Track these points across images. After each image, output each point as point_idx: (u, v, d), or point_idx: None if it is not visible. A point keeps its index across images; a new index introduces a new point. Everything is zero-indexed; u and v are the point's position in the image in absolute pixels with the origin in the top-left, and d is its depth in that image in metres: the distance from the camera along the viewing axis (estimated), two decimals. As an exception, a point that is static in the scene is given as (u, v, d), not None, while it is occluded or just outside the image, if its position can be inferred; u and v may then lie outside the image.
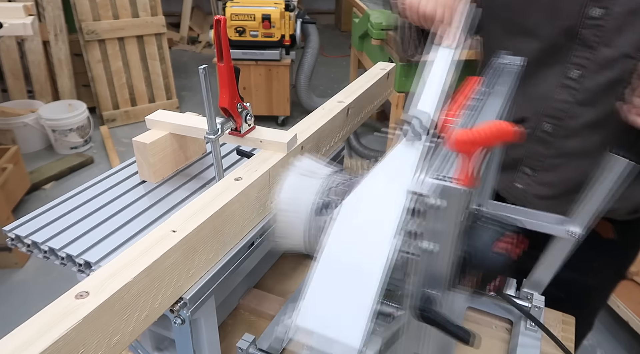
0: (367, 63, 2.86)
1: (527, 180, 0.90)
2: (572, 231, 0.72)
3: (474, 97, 0.60)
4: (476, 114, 0.55)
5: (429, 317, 0.44)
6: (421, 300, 0.44)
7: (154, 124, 0.79)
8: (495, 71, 0.69)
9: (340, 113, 0.83)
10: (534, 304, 0.80)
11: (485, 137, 0.37)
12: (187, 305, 0.56)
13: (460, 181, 0.39)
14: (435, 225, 0.41)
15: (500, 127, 0.38)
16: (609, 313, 1.94)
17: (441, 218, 0.41)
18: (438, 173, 0.41)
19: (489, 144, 0.37)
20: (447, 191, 0.39)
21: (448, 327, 0.43)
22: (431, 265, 0.44)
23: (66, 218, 0.70)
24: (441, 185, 0.39)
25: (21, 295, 2.08)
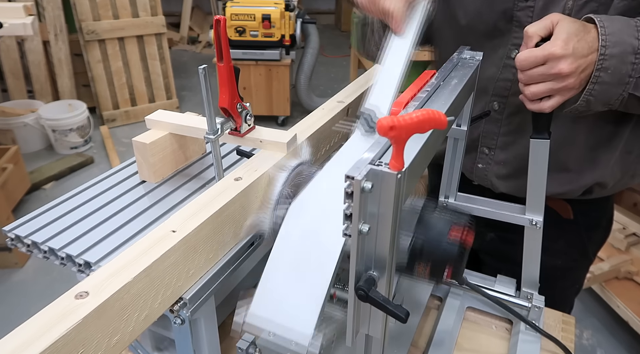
0: (366, 63, 2.86)
1: (486, 159, 0.93)
2: (533, 220, 0.77)
3: (425, 89, 0.61)
4: (422, 105, 0.57)
5: (368, 297, 0.46)
6: (362, 281, 0.46)
7: (154, 124, 0.79)
8: (452, 65, 0.71)
9: (340, 113, 0.83)
10: (533, 304, 0.80)
11: (411, 122, 0.38)
12: (187, 305, 0.56)
13: (392, 165, 0.41)
14: (368, 207, 0.43)
15: (428, 114, 0.39)
16: (609, 313, 1.94)
17: (373, 201, 0.43)
18: (374, 159, 0.44)
19: (417, 130, 0.39)
20: (378, 174, 0.42)
21: (386, 306, 0.45)
22: (368, 246, 0.46)
23: (66, 218, 0.70)
24: (373, 169, 0.42)
25: (21, 295, 2.08)
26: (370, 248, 0.46)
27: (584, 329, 1.93)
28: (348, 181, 0.41)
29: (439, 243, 0.56)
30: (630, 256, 1.98)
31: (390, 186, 0.42)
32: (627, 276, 1.96)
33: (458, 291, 0.88)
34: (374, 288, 0.47)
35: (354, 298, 0.48)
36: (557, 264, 0.99)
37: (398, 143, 0.40)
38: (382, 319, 0.49)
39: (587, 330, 1.93)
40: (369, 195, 0.42)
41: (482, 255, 1.07)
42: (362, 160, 0.43)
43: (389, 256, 0.45)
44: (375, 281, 0.47)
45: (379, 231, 0.45)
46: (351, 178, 0.41)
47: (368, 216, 0.44)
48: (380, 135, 0.39)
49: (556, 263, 0.98)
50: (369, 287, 0.46)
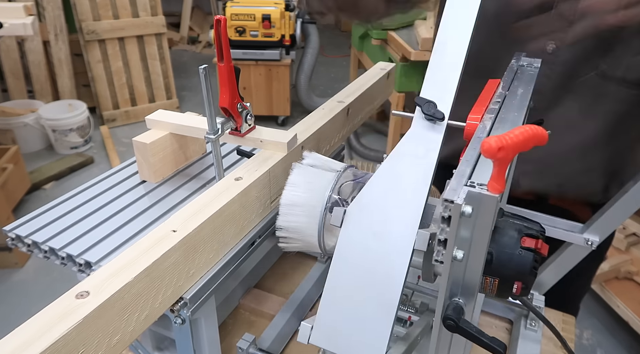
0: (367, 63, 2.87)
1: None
2: (590, 240, 0.72)
3: (495, 100, 0.59)
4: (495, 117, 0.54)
5: (458, 327, 0.42)
6: (450, 309, 0.43)
7: (154, 124, 0.79)
8: (512, 73, 0.68)
9: (340, 113, 0.83)
10: (534, 304, 0.80)
11: (518, 142, 0.36)
12: (188, 305, 0.56)
13: (492, 187, 0.39)
14: (464, 232, 0.41)
15: (533, 131, 0.37)
16: (609, 313, 1.94)
17: (468, 225, 0.40)
18: (470, 179, 0.41)
19: (522, 149, 0.37)
20: (476, 197, 0.39)
21: (480, 338, 0.42)
22: (458, 272, 0.43)
23: (66, 218, 0.70)
24: (471, 191, 0.39)
25: (21, 295, 2.08)
26: (459, 273, 0.43)
27: (584, 329, 1.93)
28: (445, 204, 0.39)
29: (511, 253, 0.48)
30: (630, 256, 1.98)
31: (490, 210, 0.39)
32: (627, 276, 1.96)
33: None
34: (463, 317, 0.43)
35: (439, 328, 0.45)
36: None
37: (502, 164, 0.37)
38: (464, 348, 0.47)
39: (587, 330, 1.93)
40: (466, 220, 0.40)
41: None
42: (456, 182, 0.41)
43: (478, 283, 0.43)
44: (464, 310, 0.44)
45: (470, 257, 0.42)
46: (450, 201, 0.39)
47: (461, 242, 0.41)
48: (487, 157, 0.37)
49: None
50: (459, 316, 0.43)
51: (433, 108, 0.57)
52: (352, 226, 0.53)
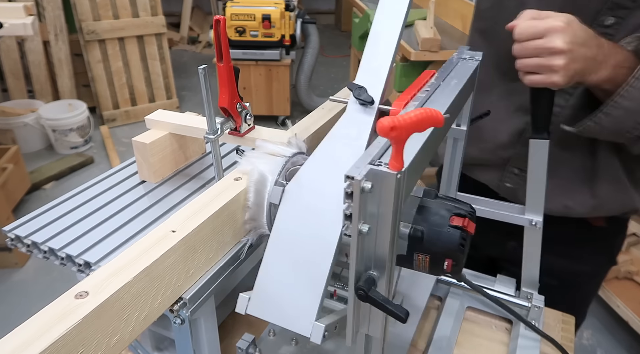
0: (367, 63, 2.86)
1: (516, 179, 0.92)
2: (532, 220, 0.76)
3: (424, 89, 0.61)
4: (421, 105, 0.57)
5: (368, 297, 0.45)
6: (362, 281, 0.46)
7: (154, 124, 0.79)
8: (451, 65, 0.70)
9: (340, 113, 0.83)
10: (533, 304, 0.80)
11: (412, 122, 0.38)
12: (187, 305, 0.56)
13: (390, 165, 0.41)
14: (368, 207, 0.43)
15: (427, 113, 0.39)
16: (609, 313, 1.94)
17: (373, 201, 0.43)
18: (374, 158, 0.43)
19: (416, 129, 0.39)
20: (377, 174, 0.42)
21: (386, 306, 0.45)
22: (368, 246, 0.46)
23: (66, 218, 0.70)
24: (372, 169, 0.42)
25: (21, 295, 2.08)
26: (370, 247, 0.46)
27: (584, 329, 1.93)
28: (348, 181, 0.41)
29: (440, 230, 0.53)
30: (630, 256, 1.98)
31: (390, 186, 0.42)
32: (627, 276, 1.96)
33: (458, 291, 0.88)
34: (373, 288, 0.46)
35: (353, 298, 0.48)
36: (584, 270, 0.97)
37: (398, 144, 0.40)
38: (382, 319, 0.49)
39: (587, 330, 1.93)
40: (368, 195, 0.42)
41: (501, 262, 1.05)
42: (361, 160, 0.43)
43: (388, 256, 0.45)
44: (375, 281, 0.47)
45: (378, 231, 0.44)
46: (351, 178, 0.41)
47: (368, 216, 0.44)
48: (381, 135, 0.39)
49: (583, 269, 0.96)
50: (369, 287, 0.46)
51: (364, 93, 0.62)
52: (289, 203, 0.58)
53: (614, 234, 0.98)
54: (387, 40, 0.64)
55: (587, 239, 0.94)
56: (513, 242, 0.98)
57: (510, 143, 0.89)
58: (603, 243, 0.97)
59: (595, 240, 0.95)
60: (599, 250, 0.97)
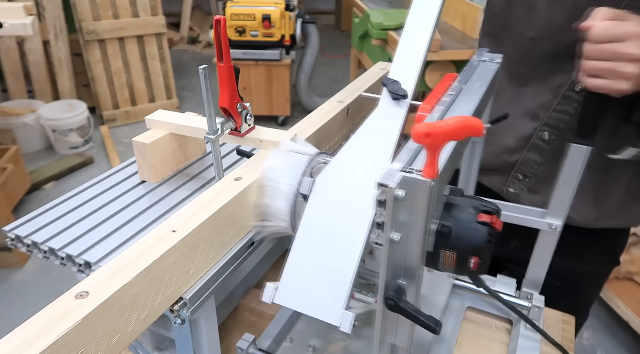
0: (367, 63, 2.86)
1: (519, 184, 0.91)
2: (552, 224, 0.75)
3: (448, 93, 0.61)
4: (447, 109, 0.56)
5: (398, 307, 0.45)
6: (391, 290, 0.45)
7: (154, 124, 0.79)
8: (472, 68, 0.70)
9: (340, 113, 0.83)
10: (533, 304, 0.80)
11: (448, 130, 0.38)
12: (187, 305, 0.56)
13: (424, 173, 0.40)
14: (400, 216, 0.42)
15: (465, 121, 0.38)
16: (609, 313, 1.94)
17: (405, 209, 0.42)
18: (405, 165, 0.43)
19: (453, 138, 0.38)
20: (411, 182, 0.41)
21: (417, 316, 0.44)
22: (398, 254, 0.45)
23: (66, 218, 0.70)
24: (405, 177, 0.41)
25: (21, 295, 2.08)
26: (400, 256, 0.45)
27: (584, 329, 1.93)
28: (380, 189, 0.40)
29: (468, 226, 0.52)
30: (630, 256, 1.98)
31: (424, 194, 0.41)
32: (627, 276, 1.96)
33: (458, 291, 0.88)
34: (403, 298, 0.45)
35: (382, 308, 0.46)
36: (588, 271, 0.97)
37: (432, 151, 0.39)
38: (409, 329, 0.48)
39: (587, 330, 1.93)
40: (401, 203, 0.41)
41: (503, 262, 1.05)
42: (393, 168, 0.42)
43: (418, 265, 0.44)
44: (405, 290, 0.46)
45: (409, 240, 0.43)
46: (384, 186, 0.40)
47: (399, 224, 0.43)
48: (415, 141, 0.38)
49: (587, 269, 0.96)
50: (399, 297, 0.45)
51: (397, 86, 0.63)
52: (319, 194, 0.57)
53: (618, 235, 0.98)
54: (420, 37, 0.66)
55: (591, 241, 0.93)
56: (516, 242, 0.98)
57: (516, 148, 0.89)
58: (607, 244, 0.97)
59: (599, 241, 0.94)
60: (603, 251, 0.97)
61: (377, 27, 2.41)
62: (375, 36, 2.45)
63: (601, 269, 1.00)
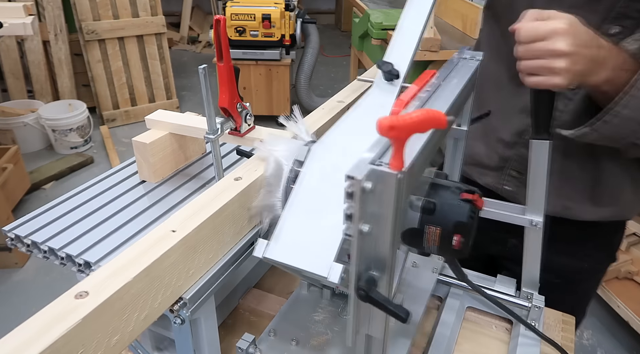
0: (367, 63, 2.86)
1: (515, 182, 0.92)
2: (533, 221, 0.76)
3: (425, 89, 0.61)
4: (422, 105, 0.57)
5: (369, 297, 0.45)
6: (362, 281, 0.46)
7: (154, 124, 0.79)
8: (452, 65, 0.70)
9: (340, 113, 0.83)
10: (533, 304, 0.80)
11: (412, 123, 0.38)
12: (187, 305, 0.56)
13: (391, 165, 0.41)
14: (369, 207, 0.43)
15: (427, 114, 0.38)
16: (609, 313, 1.94)
17: (373, 201, 0.43)
18: (376, 157, 0.43)
19: (417, 130, 0.39)
20: (378, 174, 0.41)
21: (386, 306, 0.45)
22: (369, 246, 0.45)
23: (66, 218, 0.70)
24: (373, 169, 0.41)
25: (21, 295, 2.08)
26: (371, 247, 0.46)
27: (584, 329, 1.93)
28: (349, 181, 0.41)
29: (451, 203, 0.54)
30: (630, 256, 1.98)
31: (391, 187, 0.41)
32: (627, 276, 1.96)
33: (458, 291, 0.88)
34: (374, 288, 0.46)
35: (354, 298, 0.47)
36: (584, 267, 0.97)
37: (398, 143, 0.39)
38: (383, 319, 0.49)
39: (587, 330, 1.93)
40: (369, 195, 0.42)
41: (501, 261, 1.05)
42: (362, 160, 0.43)
43: (389, 256, 0.45)
44: (376, 281, 0.47)
45: (379, 231, 0.44)
46: (352, 178, 0.41)
47: (369, 216, 0.44)
48: (380, 134, 0.38)
49: (583, 266, 0.97)
50: (370, 287, 0.46)
51: (390, 67, 0.68)
52: (315, 160, 0.60)
53: (614, 231, 0.98)
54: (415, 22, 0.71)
55: (587, 237, 0.94)
56: (513, 240, 0.98)
57: (510, 142, 0.90)
58: (603, 241, 0.97)
59: (596, 237, 0.95)
60: (600, 247, 0.97)
61: (377, 27, 2.41)
62: (375, 36, 2.45)
63: (598, 265, 1.00)
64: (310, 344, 0.71)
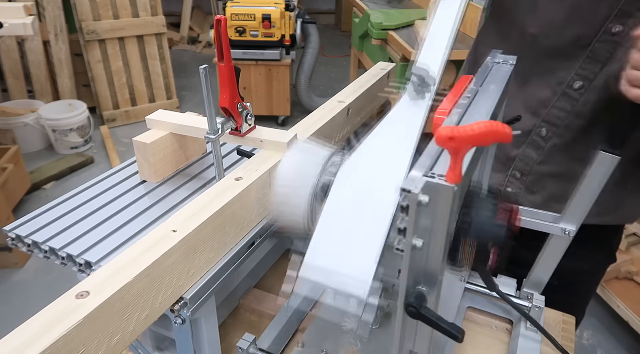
0: (367, 63, 2.86)
1: (517, 184, 0.92)
2: (566, 230, 0.74)
3: (465, 95, 0.60)
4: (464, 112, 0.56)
5: (419, 314, 0.44)
6: (412, 297, 0.45)
7: (154, 124, 0.79)
8: (487, 70, 0.69)
9: (340, 113, 0.83)
10: (534, 304, 0.80)
11: (473, 135, 0.37)
12: (188, 305, 0.56)
13: (447, 178, 0.39)
14: (422, 221, 0.42)
15: (491, 126, 0.37)
16: (609, 313, 1.94)
17: (427, 214, 0.41)
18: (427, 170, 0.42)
19: (478, 143, 0.37)
20: (434, 187, 0.40)
21: (439, 324, 0.44)
22: (419, 261, 0.44)
23: (66, 218, 0.70)
24: (429, 182, 0.40)
25: (21, 295, 2.08)
26: (421, 262, 0.44)
27: (584, 329, 1.93)
28: (403, 194, 0.40)
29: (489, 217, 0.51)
30: (630, 256, 1.98)
31: (447, 200, 0.40)
32: (627, 276, 1.96)
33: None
34: (424, 305, 0.45)
35: (402, 314, 0.46)
36: (584, 268, 0.97)
37: (456, 155, 0.38)
38: (429, 335, 0.48)
39: (587, 330, 1.93)
40: (423, 209, 0.41)
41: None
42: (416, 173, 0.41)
43: (439, 271, 0.44)
44: (426, 297, 0.45)
45: (431, 246, 0.43)
46: (407, 191, 0.39)
47: (421, 230, 0.42)
48: (438, 145, 0.37)
49: (583, 267, 0.96)
50: (420, 304, 0.44)
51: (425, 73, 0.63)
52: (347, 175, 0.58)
53: (613, 232, 0.98)
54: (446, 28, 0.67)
55: (586, 238, 0.94)
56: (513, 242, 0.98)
57: (515, 142, 0.89)
58: (603, 241, 0.97)
59: (596, 239, 0.95)
60: (599, 248, 0.97)
61: (377, 27, 2.41)
62: (375, 36, 2.45)
63: (598, 266, 1.00)
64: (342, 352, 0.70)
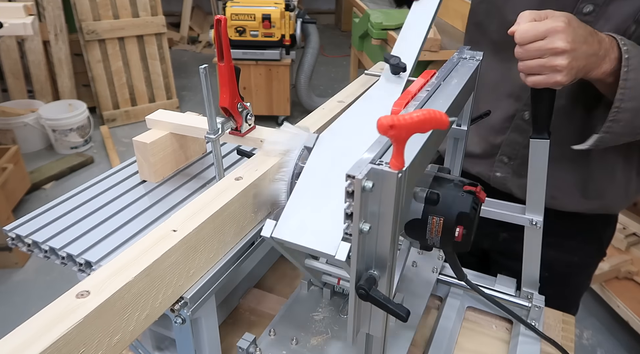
0: (367, 63, 2.86)
1: (505, 168, 0.93)
2: (533, 220, 0.76)
3: (425, 88, 0.61)
4: (422, 105, 0.57)
5: (369, 295, 0.46)
6: (362, 280, 0.46)
7: (155, 124, 0.79)
8: (451, 64, 0.70)
9: (340, 113, 0.83)
10: (533, 304, 0.80)
11: (413, 122, 0.38)
12: (188, 305, 0.56)
13: (391, 164, 0.41)
14: (369, 207, 0.43)
15: (429, 114, 0.38)
16: (609, 313, 1.94)
17: (374, 200, 0.43)
18: (376, 156, 0.43)
19: (417, 130, 0.39)
20: (379, 174, 0.41)
21: (387, 305, 0.45)
22: (369, 245, 0.46)
23: (66, 217, 0.70)
24: (373, 168, 0.41)
25: (21, 295, 2.08)
26: (371, 246, 0.46)
27: (584, 329, 1.93)
28: (349, 180, 0.41)
29: (454, 194, 0.56)
30: (630, 256, 1.98)
31: (391, 186, 0.41)
32: (627, 276, 1.96)
33: (458, 291, 0.88)
34: (374, 287, 0.46)
35: (354, 297, 0.47)
36: (574, 260, 0.98)
37: (398, 143, 0.39)
38: (383, 318, 0.49)
39: (587, 330, 1.93)
40: (369, 194, 0.42)
41: (494, 255, 1.06)
42: (362, 160, 0.43)
43: (389, 255, 0.45)
44: (376, 280, 0.47)
45: (379, 230, 0.44)
46: (352, 177, 0.41)
47: (369, 215, 0.44)
48: (380, 133, 0.38)
49: (572, 259, 0.98)
50: (370, 286, 0.46)
51: (398, 60, 0.72)
52: (323, 146, 0.63)
53: (602, 226, 0.99)
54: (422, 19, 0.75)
55: (575, 229, 0.95)
56: (504, 234, 0.99)
57: (500, 129, 0.91)
58: (592, 235, 0.98)
59: (584, 231, 0.97)
60: (588, 241, 0.99)
61: (377, 27, 2.41)
62: (375, 36, 2.45)
63: (587, 259, 1.01)
64: (310, 343, 0.71)
